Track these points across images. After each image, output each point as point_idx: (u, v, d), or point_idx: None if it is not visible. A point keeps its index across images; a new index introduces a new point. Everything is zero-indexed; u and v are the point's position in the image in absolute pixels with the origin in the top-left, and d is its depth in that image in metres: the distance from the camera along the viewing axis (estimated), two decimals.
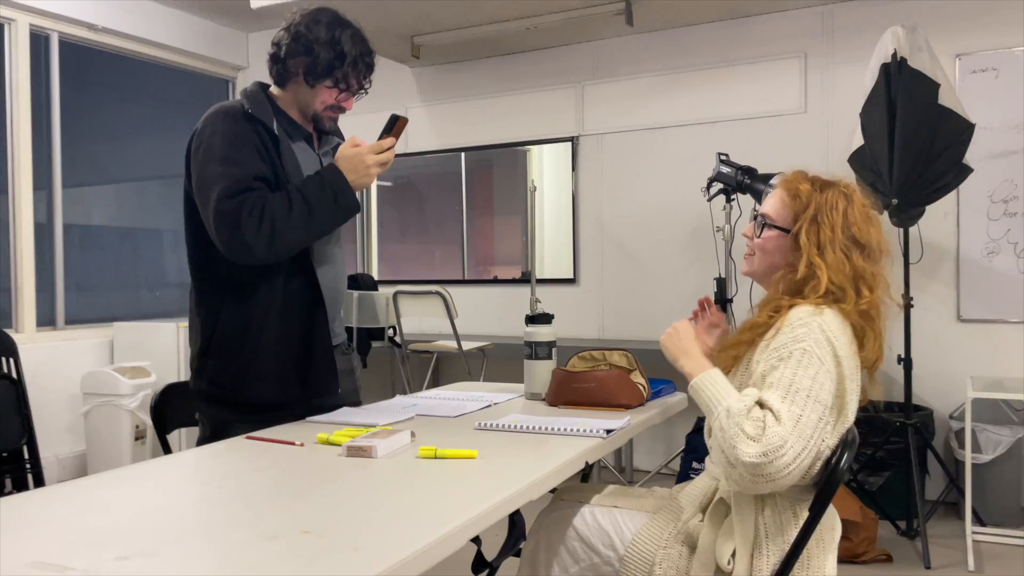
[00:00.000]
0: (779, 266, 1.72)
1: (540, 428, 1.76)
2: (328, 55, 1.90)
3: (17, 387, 4.18)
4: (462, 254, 5.28)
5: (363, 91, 2.03)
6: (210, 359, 1.93)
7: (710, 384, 1.55)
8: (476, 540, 1.21)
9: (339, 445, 1.59)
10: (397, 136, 1.92)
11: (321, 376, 1.97)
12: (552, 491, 1.72)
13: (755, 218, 1.79)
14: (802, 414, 1.42)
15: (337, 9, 1.98)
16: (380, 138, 1.91)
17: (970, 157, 3.56)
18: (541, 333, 2.27)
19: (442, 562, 1.05)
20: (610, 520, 1.73)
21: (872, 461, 3.64)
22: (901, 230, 3.42)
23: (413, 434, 1.68)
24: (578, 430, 1.74)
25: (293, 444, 1.64)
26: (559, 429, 1.75)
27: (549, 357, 2.27)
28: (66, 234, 4.82)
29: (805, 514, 1.53)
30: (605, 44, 4.70)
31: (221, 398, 1.93)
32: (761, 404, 1.44)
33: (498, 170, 5.20)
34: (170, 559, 0.99)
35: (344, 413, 1.95)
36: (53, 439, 4.60)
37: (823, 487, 1.51)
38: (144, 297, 5.40)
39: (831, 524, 1.62)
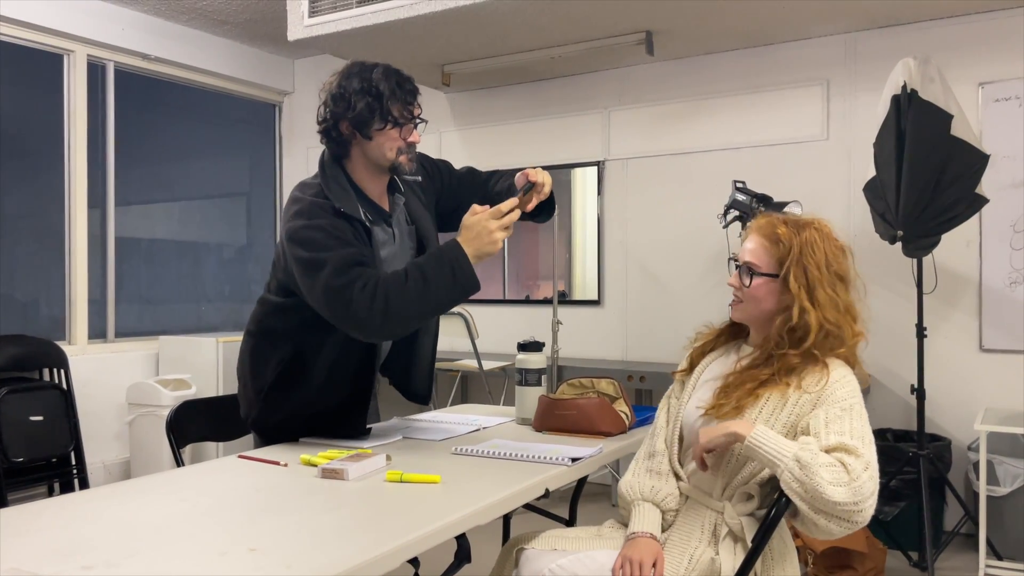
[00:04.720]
0: (772, 310, 1.76)
1: (510, 455, 1.86)
2: (366, 99, 1.88)
3: (66, 396, 4.46)
4: (503, 274, 5.39)
5: (420, 119, 1.98)
6: (263, 404, 2.03)
7: (765, 437, 1.57)
8: (415, 562, 1.32)
9: (317, 466, 1.72)
10: (523, 202, 1.86)
11: (349, 429, 2.08)
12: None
13: (738, 267, 1.81)
14: (871, 460, 1.53)
15: (365, 59, 1.99)
16: (518, 197, 1.87)
17: (992, 187, 3.54)
18: (531, 360, 2.38)
19: None
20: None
21: (886, 491, 3.63)
22: (914, 260, 3.42)
23: (389, 457, 1.80)
24: (546, 457, 1.84)
25: (278, 464, 1.78)
26: (528, 456, 1.85)
27: (539, 384, 2.37)
28: (119, 248, 5.09)
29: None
30: (630, 71, 4.78)
31: (262, 431, 2.08)
32: (835, 450, 1.52)
33: None
34: (128, 570, 1.12)
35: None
36: (101, 446, 4.86)
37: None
38: (196, 310, 5.66)
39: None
